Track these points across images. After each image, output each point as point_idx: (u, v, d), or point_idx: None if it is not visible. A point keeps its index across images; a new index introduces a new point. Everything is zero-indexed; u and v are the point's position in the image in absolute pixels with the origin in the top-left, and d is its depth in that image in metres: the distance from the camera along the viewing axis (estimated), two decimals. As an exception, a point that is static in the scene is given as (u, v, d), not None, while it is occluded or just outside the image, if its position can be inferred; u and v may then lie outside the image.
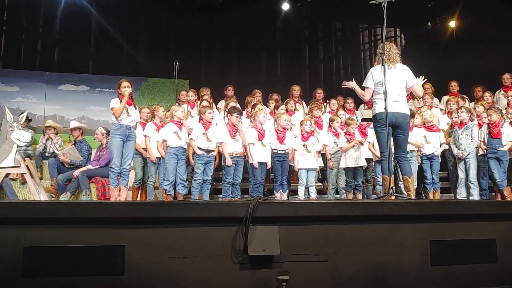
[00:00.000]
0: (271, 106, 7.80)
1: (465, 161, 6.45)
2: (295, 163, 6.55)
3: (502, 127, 6.30)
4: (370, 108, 7.34)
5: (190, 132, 6.21)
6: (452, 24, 10.96)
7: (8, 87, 9.51)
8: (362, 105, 8.38)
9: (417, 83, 5.24)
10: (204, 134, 6.02)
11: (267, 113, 6.91)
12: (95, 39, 10.56)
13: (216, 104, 8.08)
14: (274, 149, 6.31)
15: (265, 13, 11.08)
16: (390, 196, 4.63)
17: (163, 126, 6.37)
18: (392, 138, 5.07)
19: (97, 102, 9.93)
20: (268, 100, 8.20)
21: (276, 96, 8.27)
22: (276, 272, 3.39)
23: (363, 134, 6.85)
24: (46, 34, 10.28)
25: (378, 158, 6.03)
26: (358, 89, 5.28)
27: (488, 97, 7.63)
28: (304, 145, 6.51)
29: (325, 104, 8.41)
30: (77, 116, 9.55)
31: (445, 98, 8.16)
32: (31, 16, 10.25)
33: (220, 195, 6.37)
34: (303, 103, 8.53)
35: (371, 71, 5.11)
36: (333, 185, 6.84)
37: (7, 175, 5.86)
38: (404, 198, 4.83)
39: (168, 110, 6.87)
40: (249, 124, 6.66)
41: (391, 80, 4.96)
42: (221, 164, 6.55)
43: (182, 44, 10.87)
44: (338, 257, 3.53)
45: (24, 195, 6.67)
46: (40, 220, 3.19)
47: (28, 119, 8.34)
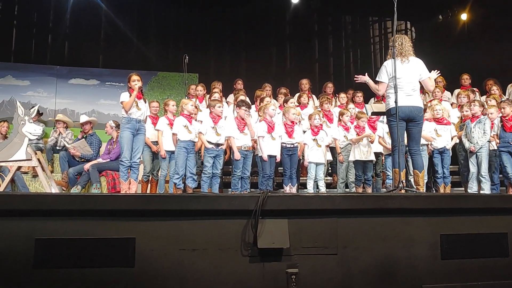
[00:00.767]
0: (280, 100, 7.78)
1: (477, 155, 6.39)
2: (305, 157, 6.54)
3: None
4: (379, 101, 7.32)
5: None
6: (464, 17, 10.85)
7: (19, 81, 9.59)
8: (372, 98, 8.33)
9: (429, 77, 5.19)
10: (213, 128, 6.02)
11: (276, 107, 6.90)
12: (105, 33, 10.61)
13: (225, 98, 8.08)
14: (283, 143, 6.30)
15: (275, 6, 11.05)
16: (400, 190, 4.61)
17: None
18: (406, 131, 5.03)
19: (107, 96, 9.98)
20: (277, 94, 8.18)
21: (284, 90, 8.24)
22: (285, 265, 3.39)
23: (372, 128, 6.82)
24: (57, 28, 10.35)
25: (389, 151, 6.00)
26: (371, 83, 5.23)
27: (496, 90, 7.56)
28: (314, 139, 6.50)
29: (334, 98, 8.38)
30: (87, 110, 9.60)
31: (457, 91, 8.09)
32: (42, 10, 10.33)
33: (229, 189, 6.38)
34: (313, 96, 8.50)
35: (385, 65, 5.04)
36: (343, 179, 6.82)
37: (19, 168, 5.92)
38: (414, 192, 4.80)
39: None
40: (258, 117, 6.65)
41: (405, 74, 4.92)
42: (230, 157, 6.56)
43: (191, 37, 10.85)
44: (348, 251, 3.52)
45: (35, 188, 6.73)
46: (51, 212, 3.21)
47: (39, 113, 8.40)
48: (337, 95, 8.39)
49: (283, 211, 3.44)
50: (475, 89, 8.08)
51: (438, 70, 5.47)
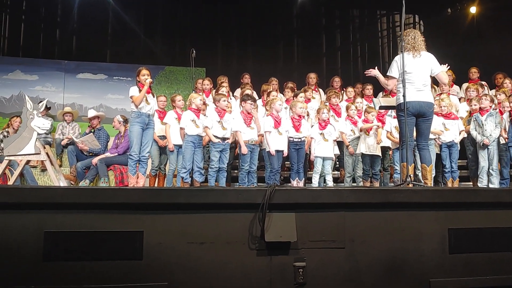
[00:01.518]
0: (286, 94, 7.76)
1: (488, 149, 6.31)
2: (312, 151, 6.53)
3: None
4: (387, 95, 7.28)
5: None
6: (473, 10, 10.73)
7: (27, 76, 9.64)
8: (381, 92, 8.29)
9: (442, 71, 5.15)
10: (219, 122, 6.02)
11: (283, 101, 6.88)
12: (112, 28, 10.62)
13: (233, 93, 8.07)
14: (290, 137, 6.29)
15: (282, 0, 10.99)
16: (408, 184, 4.59)
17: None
18: (415, 126, 5.00)
19: (115, 90, 10.00)
20: (283, 88, 8.16)
21: (291, 84, 8.19)
22: (293, 259, 3.40)
23: (381, 122, 6.79)
24: (65, 23, 10.39)
25: (397, 145, 5.97)
26: (381, 78, 5.19)
27: (508, 84, 7.47)
28: (321, 134, 6.48)
29: (342, 92, 8.34)
30: (95, 105, 9.63)
31: (465, 85, 8.03)
32: (49, 5, 10.36)
33: (236, 183, 6.39)
34: (320, 90, 8.47)
35: (396, 60, 4.97)
36: (350, 173, 6.80)
37: (28, 162, 5.97)
38: (422, 186, 4.78)
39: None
40: (265, 112, 6.64)
41: (416, 69, 4.88)
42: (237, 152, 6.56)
43: (198, 32, 10.82)
44: (355, 244, 3.52)
45: (44, 182, 6.78)
46: (60, 205, 3.24)
47: (48, 107, 8.45)
48: (344, 89, 8.35)
49: (291, 205, 3.45)
50: (483, 83, 8.00)
51: (448, 64, 5.43)
